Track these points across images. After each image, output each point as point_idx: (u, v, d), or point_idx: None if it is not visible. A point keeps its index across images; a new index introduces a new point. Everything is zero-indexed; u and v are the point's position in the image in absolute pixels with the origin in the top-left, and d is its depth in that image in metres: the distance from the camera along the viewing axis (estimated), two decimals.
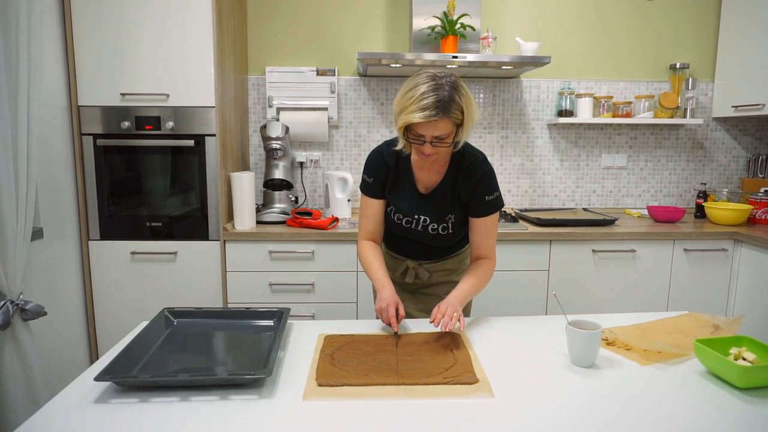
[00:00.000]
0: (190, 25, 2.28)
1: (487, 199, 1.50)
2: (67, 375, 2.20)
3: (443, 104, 1.31)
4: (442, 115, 1.31)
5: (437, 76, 1.34)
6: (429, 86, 1.32)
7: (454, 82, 1.35)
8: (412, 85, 1.34)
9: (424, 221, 1.55)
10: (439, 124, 1.33)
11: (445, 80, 1.34)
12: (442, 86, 1.32)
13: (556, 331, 1.41)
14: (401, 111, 1.35)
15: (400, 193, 1.57)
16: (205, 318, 1.44)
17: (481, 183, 1.49)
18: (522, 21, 2.95)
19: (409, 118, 1.32)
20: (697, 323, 1.46)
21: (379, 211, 1.60)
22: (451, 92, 1.32)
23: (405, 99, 1.34)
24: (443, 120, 1.32)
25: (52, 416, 0.99)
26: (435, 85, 1.32)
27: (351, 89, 2.95)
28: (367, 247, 1.60)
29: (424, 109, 1.30)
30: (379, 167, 1.56)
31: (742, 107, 2.82)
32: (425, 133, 1.35)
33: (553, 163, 3.08)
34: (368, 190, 1.58)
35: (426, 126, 1.33)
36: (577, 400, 1.06)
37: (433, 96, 1.30)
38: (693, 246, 2.52)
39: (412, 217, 1.56)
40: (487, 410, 1.02)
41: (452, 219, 1.54)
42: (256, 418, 0.98)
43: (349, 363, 1.19)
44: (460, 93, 1.34)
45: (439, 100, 1.30)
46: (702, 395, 1.08)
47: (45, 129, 2.13)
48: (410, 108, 1.32)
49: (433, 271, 1.67)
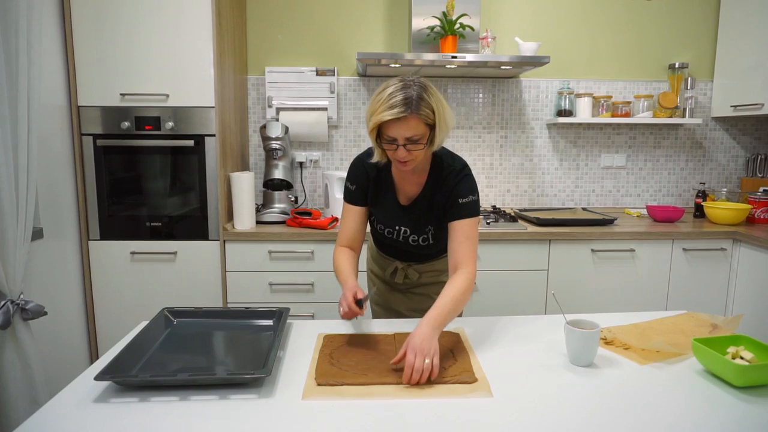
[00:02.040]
0: (189, 25, 2.29)
1: (460, 202, 1.43)
2: (67, 375, 2.21)
3: (411, 101, 1.28)
4: (411, 112, 1.29)
5: (405, 78, 1.33)
6: (396, 87, 1.30)
7: (423, 83, 1.33)
8: (381, 89, 1.33)
9: (405, 232, 1.53)
10: (409, 123, 1.30)
11: (413, 81, 1.32)
12: (410, 86, 1.30)
13: (554, 330, 1.41)
14: (371, 114, 1.33)
15: (381, 204, 1.55)
16: (205, 318, 1.44)
17: (456, 187, 1.44)
18: (521, 21, 2.96)
19: (378, 117, 1.30)
20: (696, 322, 1.47)
21: (359, 219, 1.56)
22: (420, 91, 1.30)
23: (374, 103, 1.32)
24: (413, 118, 1.30)
25: (52, 415, 0.99)
26: (403, 85, 1.31)
27: (350, 89, 2.95)
28: (339, 252, 1.54)
29: (393, 107, 1.28)
30: (361, 175, 1.53)
31: (741, 107, 2.82)
32: (397, 135, 1.32)
33: (552, 162, 3.08)
34: (350, 197, 1.56)
35: (396, 126, 1.30)
36: (575, 399, 1.07)
37: (401, 94, 1.29)
38: (692, 245, 2.52)
39: (393, 228, 1.54)
40: (485, 409, 1.02)
41: (432, 230, 1.52)
42: (255, 418, 0.99)
43: (348, 362, 1.20)
44: (429, 92, 1.32)
45: (407, 97, 1.28)
46: (700, 394, 1.09)
47: (45, 129, 2.13)
48: (379, 109, 1.30)
49: (423, 272, 1.66)
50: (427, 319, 1.22)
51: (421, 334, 1.17)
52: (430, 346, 1.14)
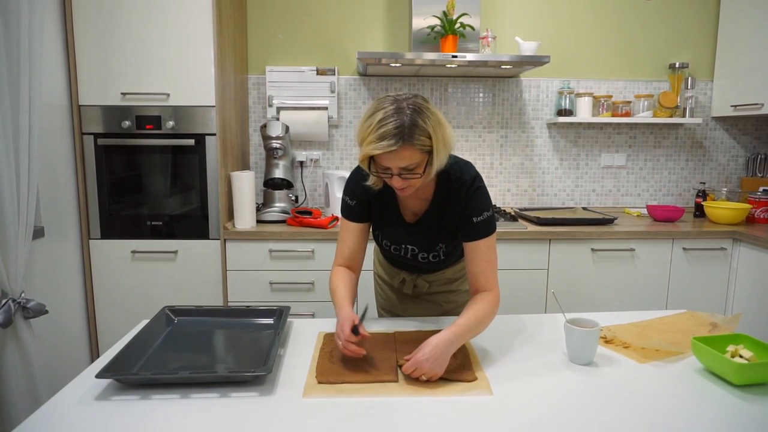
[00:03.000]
0: (190, 24, 2.29)
1: (474, 221, 1.31)
2: (68, 373, 2.21)
3: (404, 131, 1.14)
4: (404, 144, 1.14)
5: (398, 99, 1.18)
6: (387, 112, 1.15)
7: (417, 104, 1.18)
8: (371, 111, 1.19)
9: (413, 251, 1.43)
10: (403, 154, 1.16)
11: (407, 103, 1.17)
12: (403, 110, 1.15)
13: (554, 329, 1.42)
14: (361, 143, 1.19)
15: (385, 221, 1.43)
16: (206, 316, 1.45)
17: (469, 205, 1.31)
18: (521, 20, 2.96)
19: (368, 150, 1.16)
20: (695, 321, 1.47)
21: (359, 237, 1.43)
22: (414, 116, 1.15)
23: (364, 128, 1.18)
24: (407, 149, 1.16)
25: (54, 413, 0.99)
26: (394, 109, 1.15)
27: (351, 89, 2.95)
28: (337, 273, 1.40)
29: (382, 138, 1.14)
30: (361, 189, 1.38)
31: (741, 107, 2.82)
32: (390, 165, 1.19)
33: (552, 162, 3.09)
34: (349, 214, 1.42)
35: (389, 157, 1.17)
36: (575, 397, 1.07)
37: (392, 123, 1.14)
38: (692, 245, 2.53)
39: (400, 245, 1.43)
40: (485, 407, 1.03)
41: (443, 248, 1.41)
42: (256, 415, 0.99)
43: (348, 360, 1.20)
44: (425, 116, 1.17)
45: (399, 126, 1.14)
46: (699, 392, 1.09)
47: (46, 128, 2.14)
48: (368, 138, 1.16)
49: (433, 281, 1.57)
50: (447, 333, 1.14)
51: (436, 347, 1.11)
52: (434, 366, 1.10)
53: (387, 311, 1.71)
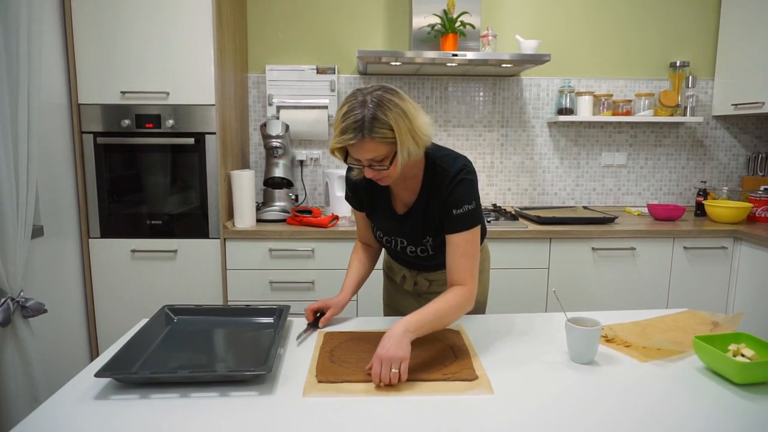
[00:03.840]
0: (190, 23, 2.28)
1: (454, 213, 1.29)
2: (67, 372, 2.21)
3: (363, 125, 1.16)
4: (363, 137, 1.16)
5: (364, 92, 1.19)
6: (351, 105, 1.18)
7: (381, 97, 1.18)
8: (341, 105, 1.21)
9: (402, 243, 1.44)
10: (365, 146, 1.18)
11: (371, 96, 1.18)
12: (365, 103, 1.17)
13: (555, 328, 1.41)
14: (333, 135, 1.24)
15: (377, 211, 1.46)
16: (206, 315, 1.45)
17: (450, 197, 1.30)
18: (522, 19, 2.95)
19: (333, 143, 1.21)
20: (696, 320, 1.46)
21: (365, 221, 1.54)
22: (375, 110, 1.16)
23: (335, 121, 1.22)
24: (367, 142, 1.17)
25: (53, 412, 0.99)
26: (357, 102, 1.17)
27: (351, 87, 2.95)
28: (354, 249, 1.60)
29: (343, 132, 1.17)
30: (354, 180, 1.43)
31: (742, 105, 2.82)
32: (359, 157, 1.21)
33: (553, 161, 3.08)
34: (350, 201, 1.52)
35: (354, 150, 1.20)
36: (576, 396, 1.06)
37: (352, 117, 1.16)
38: (693, 244, 2.52)
39: (390, 236, 1.46)
40: (486, 406, 1.02)
41: (430, 242, 1.41)
42: (256, 415, 0.98)
43: (349, 359, 1.19)
44: (386, 109, 1.16)
45: (358, 120, 1.16)
46: (701, 391, 1.09)
47: (45, 127, 2.13)
48: (335, 132, 1.20)
49: (433, 280, 1.56)
50: (402, 321, 1.16)
51: (391, 337, 1.12)
52: (396, 352, 1.09)
53: (389, 307, 1.73)
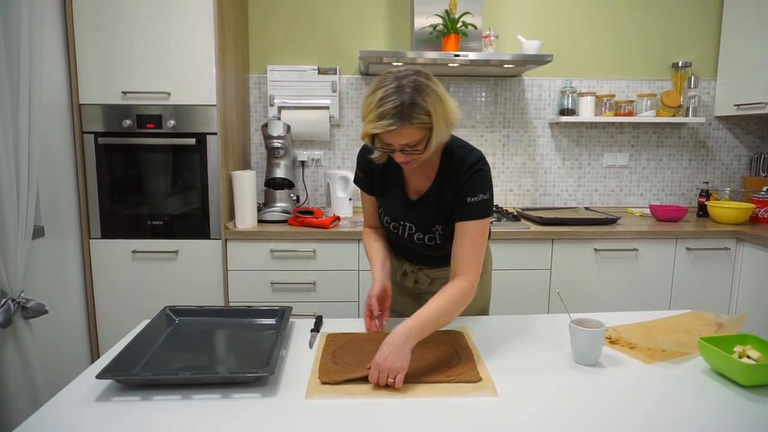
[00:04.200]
0: (191, 23, 2.28)
1: (468, 201, 1.30)
2: (67, 373, 2.20)
3: (402, 110, 1.15)
4: (403, 123, 1.16)
5: (399, 76, 1.19)
6: (387, 90, 1.17)
7: (417, 82, 1.18)
8: (373, 89, 1.20)
9: (410, 229, 1.43)
10: (403, 132, 1.18)
11: (407, 80, 1.18)
12: (403, 88, 1.17)
13: (559, 329, 1.40)
14: (363, 119, 1.22)
15: (389, 196, 1.45)
16: (207, 316, 1.44)
17: (467, 184, 1.31)
18: (524, 19, 2.95)
19: (367, 128, 1.19)
20: (701, 321, 1.46)
21: (374, 205, 1.53)
22: (413, 95, 1.16)
23: (365, 105, 1.21)
24: (406, 128, 1.18)
25: (54, 414, 0.98)
26: (394, 87, 1.17)
27: (352, 88, 2.94)
28: (367, 233, 1.57)
29: (382, 118, 1.16)
30: (368, 163, 1.43)
31: (745, 106, 2.81)
32: (392, 142, 1.21)
33: (554, 162, 3.07)
34: (360, 183, 1.51)
35: (389, 135, 1.19)
36: (581, 398, 1.06)
37: (392, 102, 1.15)
38: (695, 245, 2.51)
39: (399, 222, 1.44)
40: (490, 408, 1.02)
41: (439, 230, 1.40)
42: (258, 417, 0.98)
43: (351, 361, 1.19)
44: (424, 94, 1.18)
45: (398, 105, 1.15)
46: (706, 393, 1.08)
47: (46, 127, 2.13)
48: (369, 116, 1.18)
49: (435, 278, 1.54)
50: (403, 327, 1.14)
51: (391, 345, 1.09)
52: (394, 363, 1.07)
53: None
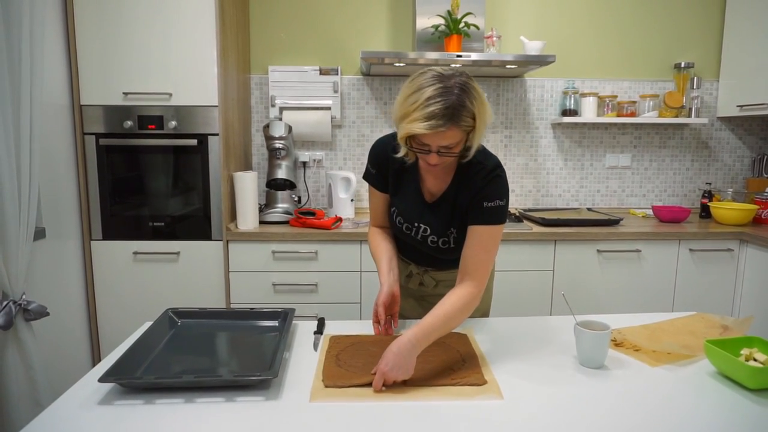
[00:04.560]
0: (192, 23, 2.27)
1: (485, 206, 1.29)
2: (68, 375, 2.19)
3: (452, 112, 1.13)
4: (451, 125, 1.14)
5: (444, 76, 1.16)
6: (435, 90, 1.13)
7: (464, 83, 1.16)
8: (416, 87, 1.16)
9: (424, 231, 1.40)
10: (447, 134, 1.16)
11: (454, 81, 1.15)
12: (451, 89, 1.14)
13: (563, 331, 1.40)
14: (403, 118, 1.17)
15: (403, 196, 1.42)
16: (210, 318, 1.43)
17: (484, 189, 1.30)
18: (526, 20, 2.94)
19: (412, 127, 1.15)
20: (706, 324, 1.45)
21: (384, 204, 1.48)
22: (461, 96, 1.14)
23: (407, 104, 1.16)
24: (452, 129, 1.15)
25: (56, 417, 0.97)
26: (443, 88, 1.14)
27: (354, 89, 2.93)
28: (374, 233, 1.53)
29: (430, 118, 1.13)
30: (383, 161, 1.41)
31: (747, 107, 2.80)
32: (431, 143, 1.19)
33: (557, 162, 3.06)
34: (371, 180, 1.47)
35: (432, 136, 1.16)
36: (587, 401, 1.05)
37: (441, 102, 1.12)
38: (698, 246, 2.50)
39: (413, 224, 1.41)
40: (496, 412, 1.01)
41: (454, 233, 1.38)
42: (262, 420, 0.97)
43: (355, 364, 1.18)
44: (472, 96, 1.16)
45: (448, 107, 1.12)
46: (713, 396, 1.07)
47: (47, 128, 2.12)
48: (413, 116, 1.14)
49: (440, 280, 1.52)
50: (409, 334, 1.12)
51: (398, 354, 1.08)
52: (398, 373, 1.07)
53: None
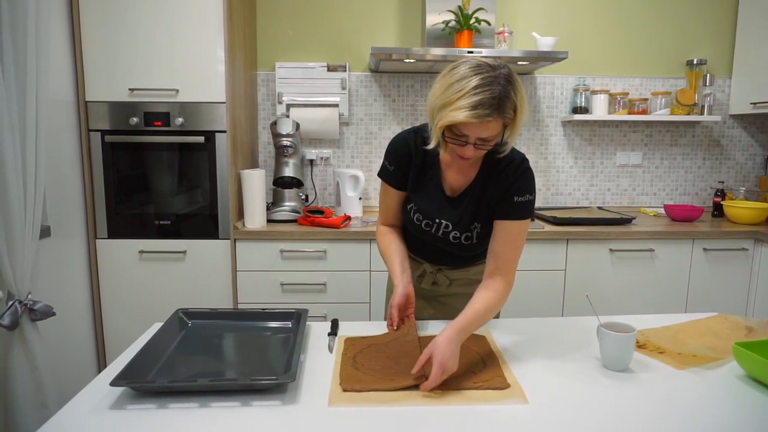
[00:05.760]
0: (199, 19, 2.24)
1: (515, 200, 1.26)
2: (74, 376, 2.16)
3: (498, 102, 1.09)
4: (497, 115, 1.11)
5: (489, 66, 1.12)
6: (483, 79, 1.09)
7: (510, 74, 1.13)
8: (459, 76, 1.11)
9: (446, 227, 1.36)
10: (490, 125, 1.12)
11: (500, 72, 1.11)
12: (497, 79, 1.10)
13: (583, 332, 1.36)
14: (444, 106, 1.12)
15: (423, 191, 1.38)
16: (221, 319, 1.39)
17: (515, 183, 1.27)
18: (537, 16, 2.90)
19: (456, 116, 1.10)
20: (729, 325, 1.41)
21: (398, 202, 1.44)
22: (507, 87, 1.11)
23: (450, 92, 1.11)
24: (496, 120, 1.12)
25: (67, 422, 0.94)
26: (489, 77, 1.09)
27: (362, 85, 2.90)
28: (383, 232, 1.48)
29: (476, 107, 1.08)
30: (403, 156, 1.36)
31: (761, 104, 2.76)
32: (470, 134, 1.14)
33: (567, 161, 3.02)
34: (387, 177, 1.41)
35: (474, 126, 1.12)
36: (614, 405, 1.01)
37: (488, 91, 1.08)
38: (712, 245, 2.47)
39: (433, 220, 1.37)
40: (521, 416, 0.97)
41: (478, 228, 1.34)
42: (280, 425, 0.93)
43: (374, 367, 1.14)
44: (516, 88, 1.13)
45: (495, 96, 1.09)
46: (743, 400, 1.04)
47: (52, 125, 2.08)
48: (458, 104, 1.09)
49: (454, 279, 1.49)
50: (455, 327, 1.12)
51: (448, 347, 1.08)
52: (453, 363, 1.08)
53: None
